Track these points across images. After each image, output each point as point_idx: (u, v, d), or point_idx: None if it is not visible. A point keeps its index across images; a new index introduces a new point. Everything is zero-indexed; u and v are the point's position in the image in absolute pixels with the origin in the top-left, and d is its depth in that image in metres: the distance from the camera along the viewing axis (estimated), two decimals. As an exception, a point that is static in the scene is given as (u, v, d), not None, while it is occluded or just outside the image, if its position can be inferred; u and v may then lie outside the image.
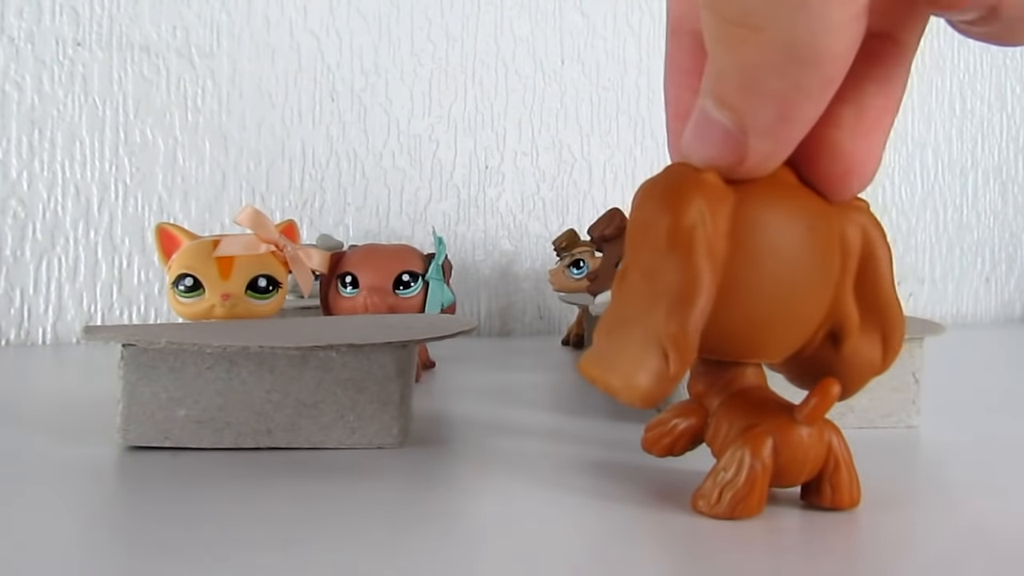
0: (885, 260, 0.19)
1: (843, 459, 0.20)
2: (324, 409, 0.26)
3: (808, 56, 0.15)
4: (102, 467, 0.24)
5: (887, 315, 0.20)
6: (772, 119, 0.16)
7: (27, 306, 0.56)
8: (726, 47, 0.16)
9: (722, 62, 0.16)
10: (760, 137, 0.17)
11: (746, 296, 0.18)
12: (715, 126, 0.17)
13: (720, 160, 0.17)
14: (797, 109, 0.16)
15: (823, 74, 0.15)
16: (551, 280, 0.53)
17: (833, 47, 0.15)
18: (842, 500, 0.20)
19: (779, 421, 0.19)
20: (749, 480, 0.19)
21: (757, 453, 0.19)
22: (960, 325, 0.78)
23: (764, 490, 0.19)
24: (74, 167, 0.57)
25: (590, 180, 0.68)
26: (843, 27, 0.15)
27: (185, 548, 0.18)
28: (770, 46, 0.15)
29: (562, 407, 0.34)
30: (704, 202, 0.17)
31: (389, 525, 0.19)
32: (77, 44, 0.57)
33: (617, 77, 0.69)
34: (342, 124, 0.63)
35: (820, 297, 0.19)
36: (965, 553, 0.18)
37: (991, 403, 0.36)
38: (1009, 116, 0.82)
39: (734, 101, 0.16)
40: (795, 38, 0.15)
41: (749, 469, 0.19)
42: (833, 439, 0.20)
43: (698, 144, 0.18)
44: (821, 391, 0.19)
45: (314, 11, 0.62)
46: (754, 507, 0.19)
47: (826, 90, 0.16)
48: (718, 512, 0.19)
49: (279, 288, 0.31)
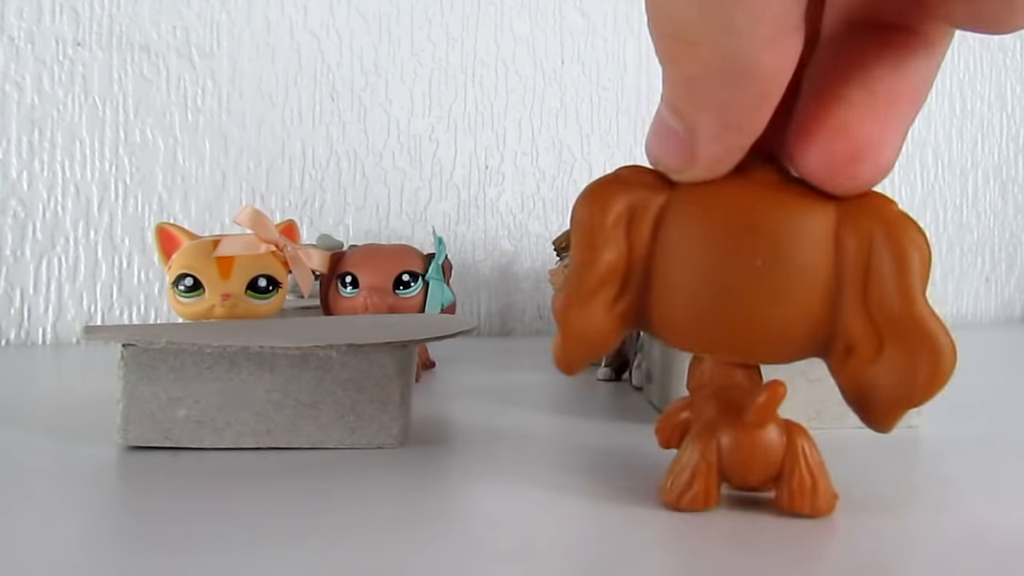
0: (905, 270, 0.17)
1: (805, 463, 0.19)
2: (324, 409, 0.26)
3: (742, 70, 0.16)
4: (102, 467, 0.24)
5: (912, 336, 0.17)
6: (717, 126, 0.17)
7: (27, 306, 0.56)
8: (668, 60, 0.17)
9: (668, 73, 0.17)
10: (707, 142, 0.17)
11: (672, 292, 0.19)
12: (669, 131, 0.18)
13: (672, 162, 0.18)
14: (739, 118, 0.17)
15: (759, 87, 0.16)
16: (551, 280, 0.53)
17: (764, 62, 0.15)
18: (800, 505, 0.19)
19: (732, 420, 0.19)
20: (691, 475, 0.20)
21: (703, 450, 0.20)
22: (960, 325, 0.78)
23: (711, 486, 0.20)
24: (74, 167, 0.57)
25: (590, 180, 0.67)
26: (773, 43, 0.15)
27: (185, 548, 0.18)
28: (706, 59, 0.16)
29: (562, 407, 0.34)
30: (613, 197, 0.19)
31: (389, 525, 0.19)
32: (77, 44, 0.57)
33: (617, 77, 0.69)
34: (342, 124, 0.63)
35: (799, 302, 0.18)
36: (965, 553, 0.18)
37: (991, 403, 0.36)
38: (1009, 116, 0.82)
39: (682, 109, 0.17)
40: (727, 53, 0.15)
41: (694, 466, 0.20)
42: (797, 441, 0.19)
43: (656, 146, 0.19)
44: (768, 390, 0.19)
45: (314, 11, 0.62)
46: (699, 501, 0.20)
47: (766, 101, 0.16)
48: (667, 501, 0.20)
49: (279, 288, 0.31)
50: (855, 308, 0.18)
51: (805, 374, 0.29)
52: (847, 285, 0.18)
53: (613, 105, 0.69)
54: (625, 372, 0.41)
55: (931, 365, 0.17)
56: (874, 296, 0.18)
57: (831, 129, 0.17)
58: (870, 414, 0.19)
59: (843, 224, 0.18)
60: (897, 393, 0.18)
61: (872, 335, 0.18)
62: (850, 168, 0.17)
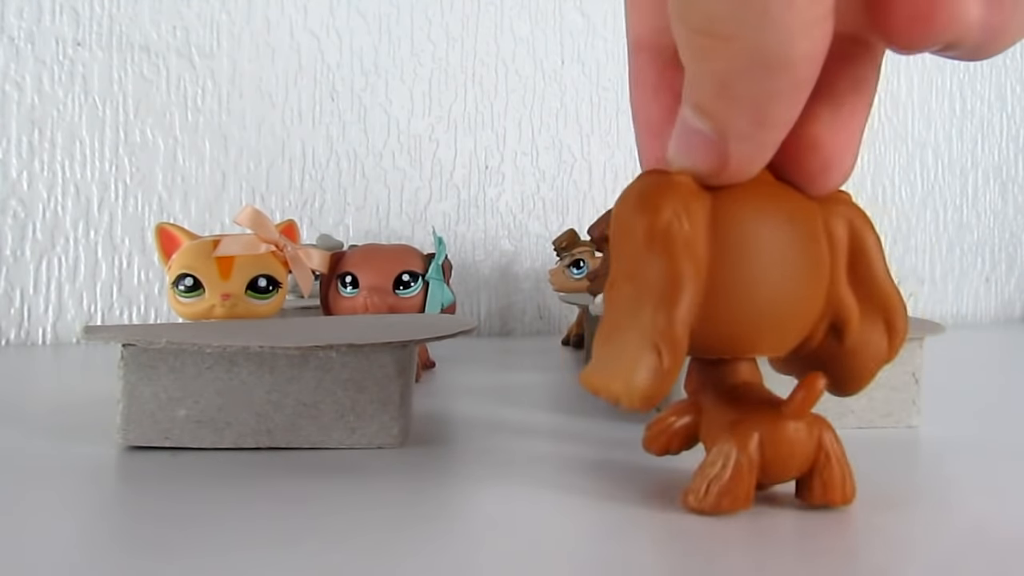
0: (875, 248, 0.20)
1: (834, 455, 0.20)
2: (324, 409, 0.26)
3: (776, 61, 0.15)
4: (102, 467, 0.24)
5: (886, 301, 0.20)
6: (749, 123, 0.17)
7: (27, 306, 0.56)
8: (698, 57, 0.16)
9: (696, 71, 0.17)
10: (739, 142, 0.17)
11: (731, 293, 0.18)
12: (696, 134, 0.17)
13: (704, 166, 0.18)
14: (772, 112, 0.16)
15: (793, 77, 0.16)
16: (551, 280, 0.53)
17: (799, 50, 0.15)
18: (833, 497, 0.20)
19: (766, 416, 0.19)
20: (735, 474, 0.19)
21: (743, 447, 0.19)
22: (960, 325, 0.78)
23: (751, 484, 0.19)
24: (74, 167, 0.57)
25: (590, 180, 0.68)
26: (808, 30, 0.15)
27: (185, 548, 0.18)
28: (739, 53, 0.15)
29: (562, 407, 0.34)
30: (678, 202, 0.18)
31: (389, 525, 0.19)
32: (77, 44, 0.57)
33: (617, 77, 0.69)
34: (342, 124, 0.63)
35: (811, 290, 0.19)
36: (965, 553, 0.18)
37: (991, 403, 0.36)
38: (1009, 116, 0.82)
39: (711, 108, 0.17)
40: (762, 44, 0.15)
41: (735, 463, 0.19)
42: (824, 435, 0.20)
43: (682, 153, 0.18)
44: (807, 385, 0.19)
45: (314, 11, 0.62)
46: (740, 501, 0.19)
47: (799, 92, 0.16)
48: (705, 506, 0.19)
49: (279, 288, 0.31)
50: (840, 289, 0.20)
51: (805, 374, 0.29)
52: (836, 269, 0.19)
53: (613, 105, 0.69)
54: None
55: (901, 322, 0.20)
56: (860, 274, 0.20)
57: (804, 146, 0.18)
58: (851, 381, 0.20)
59: (828, 216, 0.19)
60: (878, 353, 0.20)
61: (854, 308, 0.20)
62: (821, 178, 0.19)
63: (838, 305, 0.19)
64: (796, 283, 0.19)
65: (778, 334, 0.19)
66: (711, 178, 0.18)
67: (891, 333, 0.20)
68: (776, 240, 0.18)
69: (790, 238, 0.18)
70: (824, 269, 0.19)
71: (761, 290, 0.18)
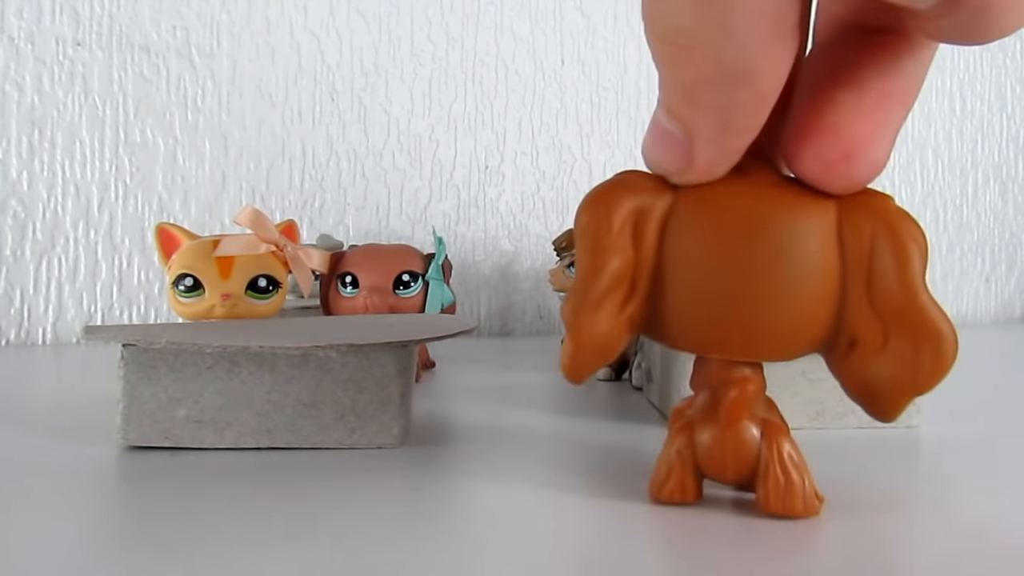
0: (906, 263, 0.18)
1: (777, 464, 0.19)
2: (324, 409, 0.26)
3: (738, 73, 0.16)
4: (102, 467, 0.24)
5: (916, 325, 0.18)
6: (713, 129, 0.17)
7: (27, 306, 0.56)
8: (665, 65, 0.17)
9: (665, 78, 0.17)
10: (704, 144, 0.18)
11: (682, 291, 0.19)
12: (667, 134, 0.18)
13: (671, 165, 0.19)
14: (736, 120, 0.17)
15: (756, 89, 0.16)
16: (551, 280, 0.53)
17: (759, 65, 0.16)
18: (771, 505, 0.19)
19: (710, 417, 0.20)
20: (668, 469, 0.20)
21: (678, 445, 0.20)
22: (960, 325, 0.78)
23: (686, 479, 0.20)
24: (74, 167, 0.57)
25: (590, 180, 0.67)
26: (768, 47, 0.16)
27: (185, 548, 0.18)
28: (703, 64, 0.16)
29: (562, 407, 0.34)
30: (624, 200, 0.19)
31: (389, 525, 0.19)
32: (77, 44, 0.57)
33: (617, 77, 0.69)
34: (342, 124, 0.63)
35: (806, 300, 0.18)
36: (965, 553, 0.18)
37: (991, 403, 0.36)
38: (1009, 116, 0.82)
39: (679, 112, 0.18)
40: (724, 57, 0.16)
41: (669, 459, 0.20)
42: (774, 441, 0.19)
43: (653, 150, 0.19)
44: (736, 388, 0.19)
45: (314, 11, 0.62)
46: (676, 494, 0.20)
47: (762, 102, 0.17)
48: (650, 493, 0.21)
49: (279, 288, 0.31)
50: (859, 303, 0.18)
51: (805, 374, 0.29)
52: (851, 281, 0.18)
53: (613, 105, 0.69)
54: (625, 372, 0.41)
55: (935, 352, 0.18)
56: (878, 290, 0.18)
57: (822, 131, 0.18)
58: (876, 405, 0.19)
59: (844, 221, 0.18)
60: (903, 382, 0.18)
61: (877, 328, 0.18)
62: (842, 167, 0.18)
63: (852, 323, 0.18)
64: (769, 289, 0.18)
65: (752, 339, 0.19)
66: (678, 176, 0.19)
67: (918, 360, 0.18)
68: (739, 243, 0.18)
69: (769, 242, 0.18)
70: (828, 280, 0.18)
71: (714, 291, 0.18)
